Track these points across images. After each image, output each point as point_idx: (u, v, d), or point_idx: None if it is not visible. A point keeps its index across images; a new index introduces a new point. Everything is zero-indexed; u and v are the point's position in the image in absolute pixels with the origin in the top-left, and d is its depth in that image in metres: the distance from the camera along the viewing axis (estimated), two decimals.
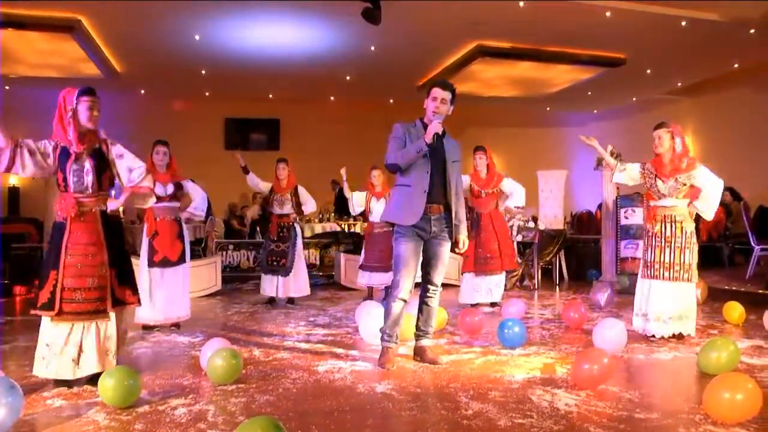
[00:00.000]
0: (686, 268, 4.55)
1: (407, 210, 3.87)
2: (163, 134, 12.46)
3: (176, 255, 5.32)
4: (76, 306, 3.52)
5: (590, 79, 10.93)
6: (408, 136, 3.93)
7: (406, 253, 3.88)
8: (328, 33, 8.98)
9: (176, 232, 5.35)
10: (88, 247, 3.57)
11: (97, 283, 3.57)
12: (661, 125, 4.62)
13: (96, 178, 3.62)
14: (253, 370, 3.96)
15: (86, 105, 3.60)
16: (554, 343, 4.55)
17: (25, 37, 8.20)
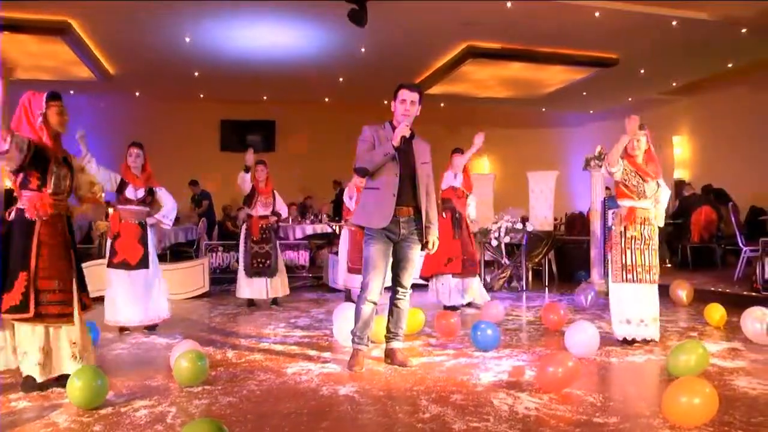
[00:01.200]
0: (658, 270, 4.55)
1: (377, 213, 3.84)
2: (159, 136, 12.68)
3: (136, 259, 5.26)
4: (48, 308, 3.51)
5: (584, 79, 10.88)
6: (377, 138, 3.90)
7: (376, 255, 3.86)
8: (317, 35, 8.98)
9: (139, 236, 5.31)
10: (57, 249, 3.58)
11: (62, 286, 3.58)
12: (639, 128, 4.58)
13: (70, 183, 3.68)
14: (223, 371, 3.96)
15: (56, 110, 3.63)
16: (529, 346, 4.53)
17: (17, 40, 8.24)
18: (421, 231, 3.95)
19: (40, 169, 3.54)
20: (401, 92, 3.92)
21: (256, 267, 6.74)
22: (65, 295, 3.59)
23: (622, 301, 4.52)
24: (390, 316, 4.07)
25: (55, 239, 3.58)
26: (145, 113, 12.90)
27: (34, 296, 3.46)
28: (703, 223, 8.44)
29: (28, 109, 3.59)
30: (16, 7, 7.43)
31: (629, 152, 4.59)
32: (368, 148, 3.88)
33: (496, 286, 7.88)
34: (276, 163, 12.02)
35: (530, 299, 7.28)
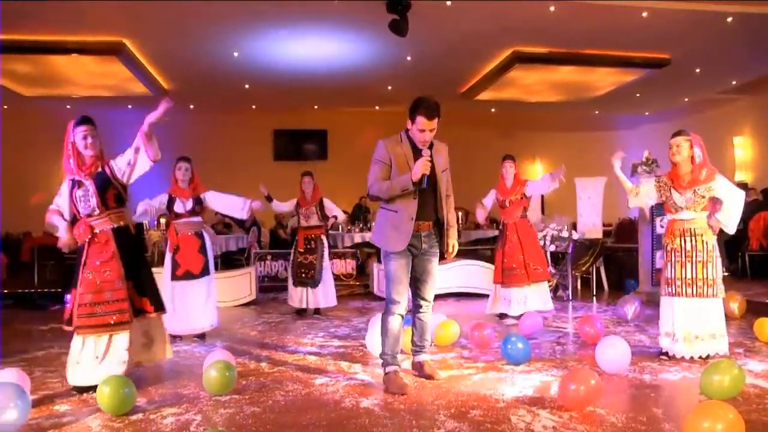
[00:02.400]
0: (710, 283, 4.29)
1: (395, 236, 3.74)
2: (213, 146, 13.09)
3: (198, 268, 5.48)
4: (96, 320, 3.79)
5: (635, 81, 10.56)
6: (393, 157, 3.73)
7: (398, 271, 3.78)
8: (361, 45, 9.09)
9: (198, 246, 5.51)
10: (103, 265, 3.83)
11: (114, 297, 3.82)
12: (680, 133, 4.41)
13: (100, 199, 3.85)
14: (253, 381, 4.06)
15: (81, 135, 3.87)
16: (562, 360, 4.41)
17: (76, 61, 8.72)
18: (441, 242, 3.90)
19: (72, 197, 3.86)
20: (420, 121, 3.63)
21: (300, 277, 6.87)
22: (118, 305, 3.82)
23: (665, 315, 4.39)
24: (414, 330, 4.05)
25: (101, 256, 3.83)
26: (200, 125, 13.37)
27: (77, 311, 3.77)
28: (762, 229, 8.00)
29: (66, 139, 3.88)
30: (74, 30, 7.88)
31: (670, 158, 4.42)
32: (382, 169, 3.73)
33: None
34: (329, 172, 12.28)
35: (576, 309, 7.09)
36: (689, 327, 4.28)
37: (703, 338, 4.28)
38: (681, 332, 4.29)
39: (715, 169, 4.35)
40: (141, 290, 3.93)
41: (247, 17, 7.81)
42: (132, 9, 7.45)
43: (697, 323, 4.27)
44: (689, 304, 4.29)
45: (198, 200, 5.55)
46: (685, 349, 4.27)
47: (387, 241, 3.79)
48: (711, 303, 4.29)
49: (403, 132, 3.84)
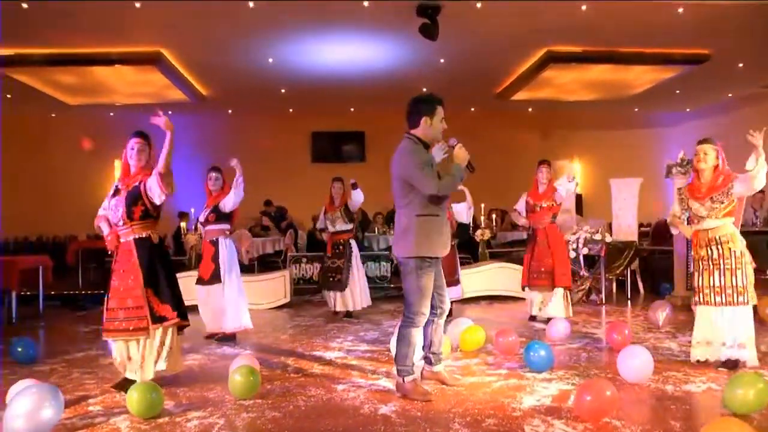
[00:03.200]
0: (739, 290, 4.20)
1: (440, 242, 3.76)
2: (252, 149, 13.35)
3: (207, 275, 5.73)
4: (119, 324, 3.98)
5: (674, 77, 10.28)
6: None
7: (429, 283, 3.77)
8: (393, 49, 9.12)
9: (211, 253, 5.75)
10: (125, 273, 4.02)
11: (134, 304, 3.98)
12: (707, 140, 4.32)
13: (126, 211, 4.02)
14: (278, 385, 4.16)
15: (130, 146, 4.09)
16: (585, 368, 4.37)
17: (116, 71, 9.06)
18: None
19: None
20: (440, 109, 3.80)
21: (327, 281, 6.98)
22: (135, 312, 3.98)
23: (698, 323, 4.34)
24: (434, 338, 4.05)
25: (123, 264, 4.02)
26: (238, 129, 13.65)
27: (106, 315, 3.99)
28: None
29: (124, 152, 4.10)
30: (114, 43, 8.19)
31: (695, 165, 4.34)
32: (434, 172, 3.71)
33: (575, 298, 7.61)
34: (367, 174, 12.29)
35: (609, 314, 6.99)
36: (715, 335, 4.21)
37: (726, 345, 4.20)
38: (709, 339, 4.23)
39: (732, 173, 4.25)
40: (162, 298, 4.06)
41: (279, 25, 7.96)
42: (168, 21, 7.68)
43: (726, 332, 4.19)
44: (718, 313, 4.21)
45: (215, 208, 5.73)
46: (711, 354, 4.20)
47: (435, 247, 3.73)
48: (740, 311, 4.20)
49: (413, 136, 3.85)
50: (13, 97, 10.66)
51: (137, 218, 4.06)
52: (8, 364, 4.98)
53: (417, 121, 3.81)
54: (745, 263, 4.24)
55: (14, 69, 8.97)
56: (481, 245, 9.00)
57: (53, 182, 12.39)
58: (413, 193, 3.72)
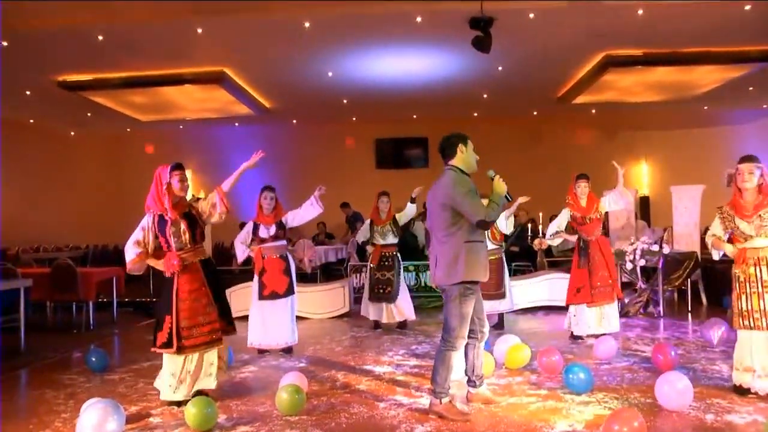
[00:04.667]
0: None
1: (483, 266, 3.93)
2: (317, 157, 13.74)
3: (283, 288, 5.95)
4: (193, 340, 4.34)
5: (744, 75, 9.81)
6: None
7: (470, 308, 3.93)
8: (451, 59, 9.19)
9: (282, 268, 5.98)
10: (195, 293, 4.37)
11: (206, 320, 4.37)
12: (751, 159, 4.17)
13: (191, 236, 4.36)
14: (324, 401, 4.37)
15: (178, 178, 4.38)
16: (626, 391, 4.34)
17: (183, 91, 9.61)
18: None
19: (163, 233, 4.31)
20: (468, 142, 4.07)
21: (377, 292, 7.15)
22: (211, 326, 4.37)
23: (741, 348, 4.17)
24: (476, 361, 4.18)
25: (192, 285, 4.36)
26: (303, 138, 14.07)
27: (176, 334, 4.28)
28: None
29: (158, 180, 4.36)
30: (179, 64, 8.72)
31: (738, 185, 4.20)
32: (480, 200, 3.86)
33: (633, 311, 7.47)
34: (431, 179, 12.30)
35: (665, 328, 6.82)
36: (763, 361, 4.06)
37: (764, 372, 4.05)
38: (761, 368, 4.08)
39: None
40: (222, 313, 4.44)
41: (335, 41, 8.21)
42: (229, 42, 8.10)
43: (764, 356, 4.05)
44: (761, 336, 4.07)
45: (280, 224, 5.98)
46: (762, 384, 4.06)
47: (479, 272, 3.90)
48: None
49: (450, 169, 4.03)
50: (93, 116, 11.47)
51: (199, 240, 4.42)
52: (84, 372, 5.46)
53: (453, 152, 4.02)
54: None
55: (92, 92, 9.68)
56: (540, 254, 8.95)
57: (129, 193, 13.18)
58: (461, 221, 3.86)
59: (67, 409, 4.32)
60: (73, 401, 4.50)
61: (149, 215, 4.38)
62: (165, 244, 4.38)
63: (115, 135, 13.69)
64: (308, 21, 7.34)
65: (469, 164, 4.04)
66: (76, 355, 6.29)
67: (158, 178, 4.35)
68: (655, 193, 13.36)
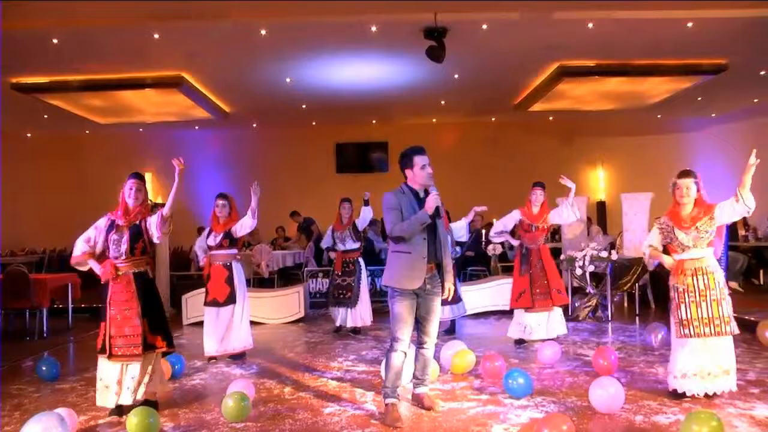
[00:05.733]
0: (726, 320, 4.26)
1: (408, 276, 4.06)
2: (278, 161, 13.72)
3: (224, 297, 6.01)
4: (117, 350, 4.34)
5: (692, 87, 10.16)
6: (402, 205, 4.09)
7: (404, 312, 4.08)
8: (407, 67, 9.29)
9: (225, 277, 6.03)
10: (124, 303, 4.38)
11: (132, 332, 4.36)
12: (688, 174, 4.34)
13: (129, 248, 4.39)
14: (271, 407, 4.45)
15: (129, 186, 4.46)
16: (564, 395, 4.51)
17: (142, 95, 9.56)
18: (442, 283, 4.18)
19: (106, 239, 4.38)
20: (416, 158, 4.13)
21: (337, 297, 7.25)
22: (136, 339, 4.35)
23: (681, 355, 4.32)
24: (416, 363, 4.32)
25: (122, 296, 4.37)
26: (264, 142, 14.05)
27: (109, 341, 4.31)
28: None
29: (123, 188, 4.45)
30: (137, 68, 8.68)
31: (677, 199, 4.38)
32: (397, 215, 4.06)
33: (582, 315, 7.70)
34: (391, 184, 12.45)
35: (613, 331, 7.05)
36: (704, 365, 4.25)
37: (717, 375, 4.26)
38: (695, 370, 4.26)
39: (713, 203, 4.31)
40: (153, 328, 4.41)
41: (292, 48, 8.25)
42: (186, 48, 8.07)
43: (712, 361, 4.25)
44: (705, 343, 4.26)
45: (227, 234, 6.02)
46: (697, 386, 4.25)
47: (401, 280, 4.07)
48: (726, 341, 4.27)
49: (403, 185, 4.23)
50: (50, 118, 11.31)
51: (138, 253, 4.41)
52: (34, 381, 5.41)
53: (404, 173, 4.25)
54: (726, 293, 4.31)
55: (48, 95, 9.56)
56: (494, 259, 9.14)
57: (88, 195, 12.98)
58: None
59: (11, 421, 4.29)
60: (19, 412, 4.47)
61: (106, 217, 4.43)
62: (106, 250, 4.42)
63: (73, 137, 13.47)
64: (264, 29, 7.38)
65: (417, 183, 4.18)
66: (26, 363, 6.23)
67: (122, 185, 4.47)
68: (611, 198, 13.70)
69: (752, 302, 7.77)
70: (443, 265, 4.16)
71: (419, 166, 4.12)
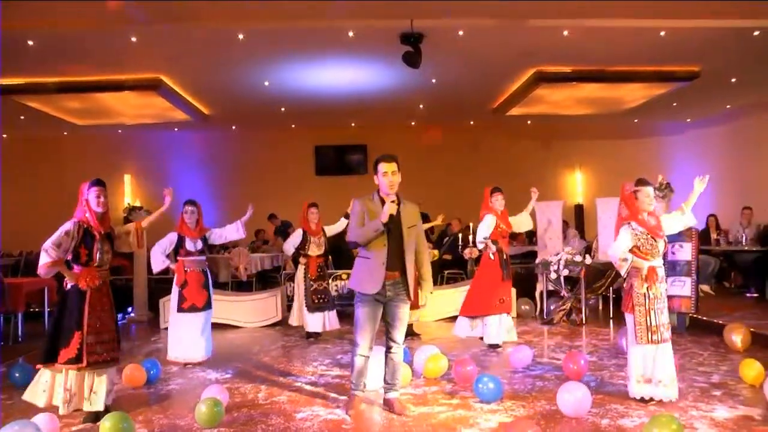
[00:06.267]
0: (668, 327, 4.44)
1: (368, 280, 4.20)
2: (257, 164, 13.68)
3: (202, 302, 6.03)
4: (97, 357, 4.33)
5: (667, 93, 10.34)
6: (366, 212, 4.23)
7: (364, 317, 4.23)
8: (384, 72, 9.34)
9: (202, 282, 6.06)
10: (102, 311, 4.40)
11: (109, 337, 4.41)
12: (647, 183, 4.46)
13: (110, 255, 4.45)
14: (245, 413, 4.48)
15: (94, 194, 4.41)
16: (534, 398, 4.59)
17: (120, 97, 9.52)
18: (407, 290, 4.26)
19: (88, 247, 4.32)
20: (380, 166, 4.23)
21: (317, 303, 7.26)
22: (110, 345, 4.41)
23: (646, 361, 4.40)
24: (386, 368, 4.40)
25: (102, 303, 4.40)
26: (243, 143, 14.02)
27: (85, 350, 4.28)
28: None
29: (81, 196, 4.40)
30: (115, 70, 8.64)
31: (643, 207, 4.46)
32: (359, 222, 4.23)
33: (556, 318, 7.80)
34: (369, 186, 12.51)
35: (587, 335, 7.17)
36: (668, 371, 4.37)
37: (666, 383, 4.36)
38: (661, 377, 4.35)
39: None
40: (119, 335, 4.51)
41: (270, 52, 8.27)
42: (164, 51, 8.06)
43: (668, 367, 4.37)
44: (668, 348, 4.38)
45: (205, 240, 6.06)
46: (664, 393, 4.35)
47: (361, 284, 4.24)
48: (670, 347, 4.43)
49: (374, 192, 4.33)
50: (27, 120, 11.20)
51: (110, 261, 4.44)
52: (7, 388, 5.36)
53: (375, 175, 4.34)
54: None
55: (25, 96, 9.48)
56: (470, 263, 9.22)
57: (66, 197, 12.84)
58: None
59: None
60: None
61: (74, 224, 4.33)
62: (85, 257, 4.34)
63: (51, 138, 13.33)
64: (242, 33, 7.39)
65: (382, 190, 4.28)
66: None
67: (81, 194, 4.40)
68: (588, 201, 13.86)
69: (722, 305, 7.95)
70: (410, 273, 4.24)
71: (381, 173, 4.23)
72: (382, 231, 4.11)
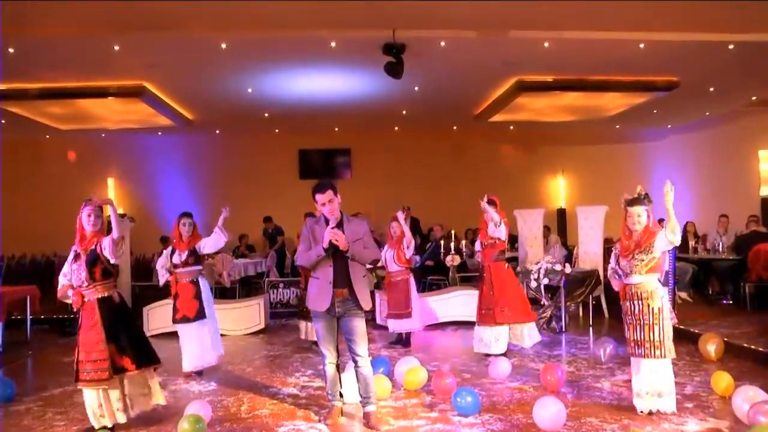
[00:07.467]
0: (656, 345, 4.46)
1: (318, 299, 4.43)
2: (241, 167, 13.69)
3: (194, 312, 6.07)
4: (87, 375, 4.40)
5: (647, 102, 10.52)
6: (312, 235, 4.42)
7: (322, 330, 4.52)
8: (368, 80, 9.42)
9: (193, 293, 6.09)
10: (90, 329, 4.43)
11: (98, 356, 4.41)
12: (640, 202, 4.49)
13: (88, 273, 4.42)
14: (227, 427, 4.51)
15: (86, 213, 4.49)
16: (511, 412, 4.67)
17: (102, 103, 9.51)
18: (358, 304, 4.42)
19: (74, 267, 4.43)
20: (316, 197, 4.37)
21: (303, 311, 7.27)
22: (99, 364, 4.40)
23: (634, 375, 4.57)
24: (358, 383, 4.50)
25: (88, 322, 4.44)
26: (227, 148, 14.04)
27: (77, 367, 4.40)
28: (763, 262, 7.90)
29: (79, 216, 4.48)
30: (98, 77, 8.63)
31: (630, 226, 4.54)
32: (306, 245, 4.45)
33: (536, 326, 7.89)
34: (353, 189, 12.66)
35: (566, 343, 7.27)
36: (641, 385, 4.48)
37: (652, 395, 4.47)
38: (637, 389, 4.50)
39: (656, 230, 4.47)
40: (122, 351, 4.45)
41: (252, 61, 8.33)
42: (147, 59, 8.06)
43: (646, 381, 4.47)
44: (641, 364, 4.48)
45: (192, 251, 6.09)
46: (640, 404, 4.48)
47: (313, 302, 4.49)
48: (658, 364, 4.46)
49: (321, 215, 4.49)
50: (7, 124, 11.12)
51: (99, 278, 4.44)
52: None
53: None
54: (662, 318, 4.48)
55: (6, 102, 9.43)
56: (452, 270, 9.31)
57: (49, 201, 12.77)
58: None
59: None
60: None
61: (72, 249, 4.50)
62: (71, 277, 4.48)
63: (33, 142, 13.23)
64: (225, 42, 7.42)
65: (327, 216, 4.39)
66: None
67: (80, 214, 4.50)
68: (571, 206, 14.02)
69: (699, 314, 8.07)
70: (354, 288, 4.39)
71: (319, 204, 4.38)
72: (324, 256, 4.31)
